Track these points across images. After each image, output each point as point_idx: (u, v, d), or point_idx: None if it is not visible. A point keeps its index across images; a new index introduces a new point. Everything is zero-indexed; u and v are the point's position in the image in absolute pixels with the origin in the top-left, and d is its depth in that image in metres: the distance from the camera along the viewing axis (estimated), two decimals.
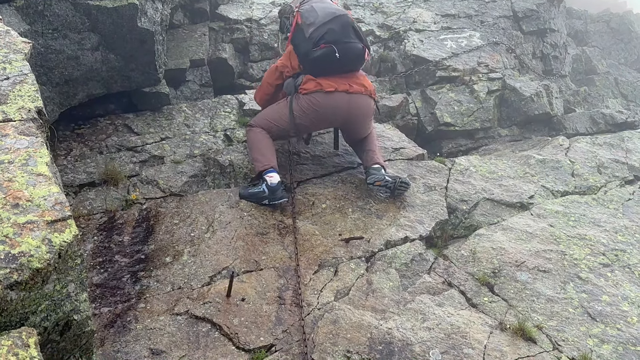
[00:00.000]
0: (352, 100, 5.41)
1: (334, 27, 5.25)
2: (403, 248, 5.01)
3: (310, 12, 5.38)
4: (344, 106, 5.40)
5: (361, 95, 5.46)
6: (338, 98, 5.36)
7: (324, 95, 5.34)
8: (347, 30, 5.32)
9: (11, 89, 3.29)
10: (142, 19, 5.47)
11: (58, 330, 2.66)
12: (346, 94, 5.38)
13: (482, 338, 4.20)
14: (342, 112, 5.43)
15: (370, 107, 5.59)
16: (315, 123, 5.57)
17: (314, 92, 5.35)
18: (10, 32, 3.85)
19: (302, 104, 5.39)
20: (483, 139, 7.67)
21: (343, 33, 5.28)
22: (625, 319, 4.52)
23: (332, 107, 5.38)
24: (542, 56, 9.83)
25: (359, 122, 5.59)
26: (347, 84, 5.39)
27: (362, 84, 5.49)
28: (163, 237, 4.84)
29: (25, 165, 2.82)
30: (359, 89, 5.44)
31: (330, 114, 5.43)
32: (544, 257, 5.07)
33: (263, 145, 5.41)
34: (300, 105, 5.40)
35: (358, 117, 5.53)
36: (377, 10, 9.49)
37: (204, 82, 7.24)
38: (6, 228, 2.48)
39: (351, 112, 5.46)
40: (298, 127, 5.52)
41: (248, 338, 3.98)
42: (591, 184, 6.35)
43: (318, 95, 5.35)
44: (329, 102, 5.36)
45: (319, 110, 5.38)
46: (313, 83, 5.36)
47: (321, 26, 5.25)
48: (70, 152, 5.53)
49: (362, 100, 5.48)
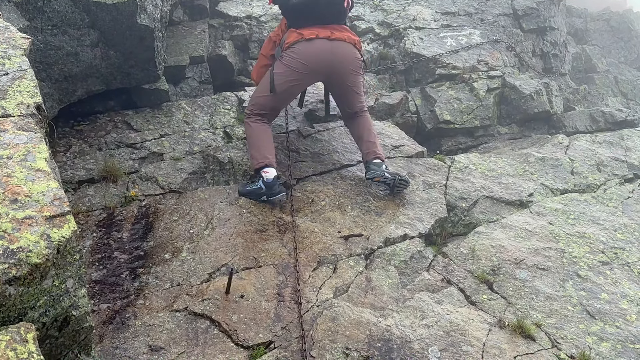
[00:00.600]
0: (335, 46, 5.39)
1: None
2: (402, 245, 5.01)
3: None
4: (327, 53, 5.37)
5: (344, 42, 5.45)
6: (319, 44, 5.36)
7: (305, 43, 5.35)
8: None
9: (10, 84, 3.29)
10: (141, 16, 5.46)
11: (56, 325, 2.67)
12: (328, 40, 5.37)
13: (481, 335, 4.20)
14: (325, 59, 5.38)
15: (355, 57, 5.53)
16: (302, 76, 5.48)
17: (295, 43, 5.36)
18: (10, 27, 3.85)
19: (285, 60, 5.39)
20: (483, 136, 7.66)
21: None
22: (624, 317, 4.52)
23: (314, 55, 5.35)
24: (542, 54, 9.82)
25: (345, 73, 5.51)
26: (329, 31, 5.39)
27: (345, 33, 5.50)
28: (162, 234, 4.84)
29: (24, 161, 2.82)
30: (342, 36, 5.44)
31: (313, 61, 5.37)
32: (543, 255, 5.07)
33: (261, 141, 5.36)
34: (284, 62, 5.40)
35: (343, 66, 5.46)
36: (377, 8, 9.48)
37: (204, 79, 7.23)
38: (5, 223, 2.48)
39: (335, 60, 5.40)
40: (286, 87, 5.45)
41: (247, 335, 3.98)
42: (591, 182, 6.35)
43: (299, 44, 5.36)
44: (311, 49, 5.35)
45: (300, 59, 5.35)
46: (294, 34, 5.40)
47: None
48: (69, 148, 5.53)
49: (346, 47, 5.46)
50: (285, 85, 5.41)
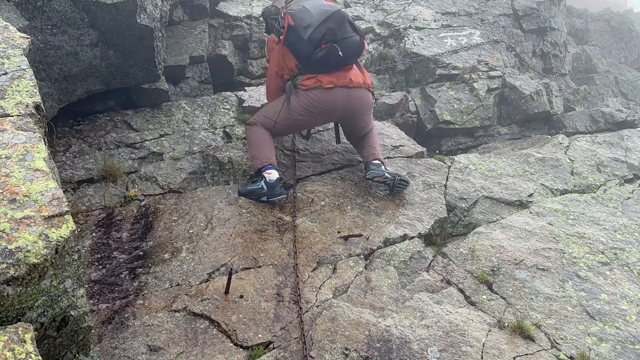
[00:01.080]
0: (352, 94, 5.39)
1: (331, 25, 5.20)
2: (402, 246, 5.00)
3: (303, 13, 5.29)
4: (344, 100, 5.38)
5: (360, 89, 5.44)
6: (337, 93, 5.34)
7: (323, 91, 5.32)
8: (344, 25, 5.29)
9: (9, 84, 3.28)
10: (141, 15, 5.45)
11: (55, 326, 2.66)
12: (346, 88, 5.36)
13: (480, 336, 4.19)
14: (341, 107, 5.42)
15: (369, 101, 5.58)
16: (314, 118, 5.55)
17: (313, 88, 5.33)
18: (9, 27, 3.85)
19: (301, 100, 5.36)
20: (483, 137, 7.66)
21: (341, 29, 5.25)
22: (624, 318, 4.52)
23: (331, 102, 5.36)
24: (542, 54, 9.83)
25: (358, 116, 5.58)
26: (347, 77, 5.37)
27: (360, 77, 5.48)
28: (162, 234, 4.84)
29: (23, 161, 2.81)
30: (358, 82, 5.43)
31: (330, 108, 5.42)
32: (542, 255, 5.07)
33: (262, 143, 5.39)
34: (300, 101, 5.37)
35: (357, 111, 5.52)
36: (377, 8, 9.48)
37: (204, 78, 7.23)
38: (3, 223, 2.47)
39: (350, 106, 5.45)
40: (296, 122, 5.51)
41: (246, 335, 3.98)
42: (590, 182, 6.34)
43: (317, 91, 5.33)
44: (329, 97, 5.34)
45: (318, 105, 5.36)
46: (312, 80, 5.33)
47: (319, 26, 5.18)
48: (69, 148, 5.53)
49: (361, 93, 5.47)
50: (294, 120, 5.47)
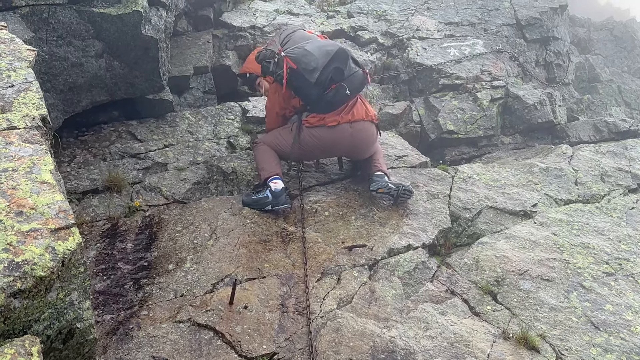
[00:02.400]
0: (355, 129, 5.42)
1: (337, 65, 5.22)
2: (406, 256, 5.00)
3: (306, 57, 5.20)
4: (347, 137, 5.43)
5: (363, 122, 5.47)
6: (341, 130, 5.40)
7: (326, 130, 5.38)
8: (348, 62, 5.33)
9: (16, 96, 3.30)
10: (146, 27, 5.48)
11: (61, 338, 2.66)
12: (348, 125, 5.40)
13: (485, 347, 4.18)
14: (345, 143, 5.48)
15: (372, 133, 5.60)
16: (317, 154, 5.64)
17: (316, 126, 5.39)
18: (15, 39, 3.87)
19: (304, 136, 5.42)
20: (486, 146, 7.66)
21: (347, 67, 5.30)
22: (629, 328, 4.51)
23: (334, 140, 5.44)
24: (546, 64, 9.83)
25: (362, 148, 5.62)
26: (349, 113, 5.39)
27: (363, 110, 5.49)
28: (166, 244, 4.85)
29: (30, 173, 2.82)
30: (361, 116, 5.45)
31: (333, 145, 5.51)
32: (547, 265, 5.06)
33: (269, 156, 5.45)
34: (303, 137, 5.42)
35: (361, 145, 5.57)
36: (381, 18, 9.51)
37: (208, 89, 7.25)
38: (10, 236, 2.48)
39: (354, 142, 5.49)
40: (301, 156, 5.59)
41: (250, 346, 3.97)
42: (594, 192, 6.34)
43: (321, 129, 5.38)
44: (332, 135, 5.40)
45: (321, 143, 5.44)
46: (316, 118, 5.39)
47: (325, 67, 5.16)
48: (73, 158, 5.54)
49: (364, 127, 5.49)
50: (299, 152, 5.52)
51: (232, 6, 8.82)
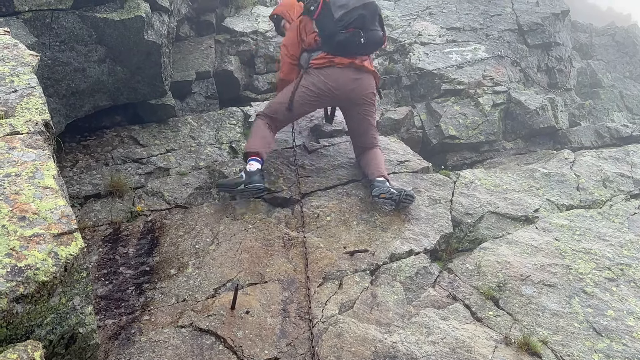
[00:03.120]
0: (359, 76, 5.61)
1: (364, 13, 5.47)
2: (408, 261, 5.00)
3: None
4: (351, 80, 5.58)
5: (368, 73, 5.67)
6: (348, 74, 5.58)
7: (334, 70, 5.56)
8: (375, 17, 5.59)
9: (19, 101, 3.31)
10: (148, 32, 5.50)
11: (63, 343, 2.67)
12: (355, 70, 5.58)
13: (487, 352, 4.18)
14: (348, 85, 5.59)
15: (373, 88, 5.76)
16: (321, 97, 5.69)
17: (324, 67, 5.56)
18: (18, 45, 3.89)
19: (312, 77, 5.60)
20: (488, 152, 7.66)
21: (371, 20, 5.54)
22: (631, 334, 4.50)
23: (340, 80, 5.57)
24: (547, 69, 9.85)
25: (362, 101, 5.71)
26: (358, 61, 5.59)
27: (370, 66, 5.71)
28: (168, 249, 4.85)
29: (32, 178, 2.83)
30: (369, 69, 5.66)
31: (338, 86, 5.59)
32: (549, 271, 5.06)
33: (259, 135, 5.55)
34: (311, 79, 5.60)
35: (361, 95, 5.67)
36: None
37: (210, 94, 7.26)
38: (13, 241, 2.49)
39: (356, 89, 5.62)
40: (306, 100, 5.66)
41: (252, 351, 3.97)
42: (596, 197, 6.34)
43: (329, 69, 5.57)
44: (338, 75, 5.56)
45: (328, 82, 5.57)
46: (326, 59, 5.57)
47: (353, 10, 5.44)
48: (76, 163, 5.55)
49: (368, 79, 5.69)
50: (305, 99, 5.63)
51: (235, 11, 8.84)
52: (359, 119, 5.80)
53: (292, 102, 5.61)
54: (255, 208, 5.40)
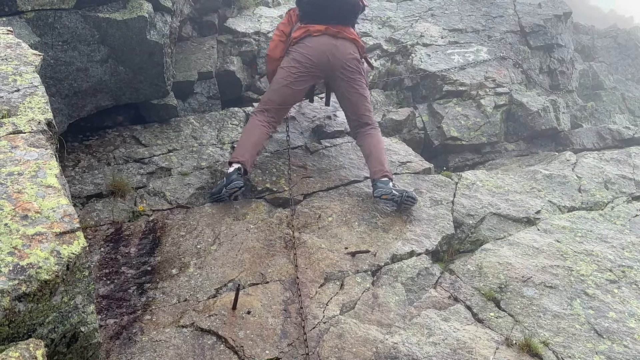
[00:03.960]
0: (338, 43, 5.69)
1: None
2: (409, 262, 5.00)
3: None
4: (330, 47, 5.65)
5: (347, 40, 5.73)
6: (324, 40, 5.67)
7: (311, 38, 5.67)
8: None
9: (21, 100, 3.32)
10: (151, 32, 5.51)
11: (65, 342, 2.67)
12: (332, 37, 5.67)
13: (488, 354, 4.18)
14: (327, 53, 5.65)
15: (356, 57, 5.80)
16: (304, 70, 5.70)
17: (302, 38, 5.68)
18: (21, 44, 3.89)
19: (291, 54, 5.71)
20: (490, 153, 7.66)
21: None
22: (632, 336, 4.50)
23: (318, 49, 5.65)
24: (549, 71, 9.84)
25: (344, 68, 5.73)
26: (336, 29, 5.67)
27: (352, 34, 5.79)
28: (169, 249, 4.85)
29: (35, 177, 2.84)
30: (347, 35, 5.73)
31: (317, 55, 5.65)
32: (550, 272, 5.06)
33: (246, 138, 5.59)
34: (291, 56, 5.71)
35: (342, 61, 5.70)
36: (385, 25, 9.53)
37: (212, 94, 7.26)
38: (15, 239, 2.49)
39: (337, 55, 5.67)
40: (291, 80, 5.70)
41: (253, 351, 3.98)
42: (598, 199, 6.34)
43: (306, 40, 5.68)
44: (316, 44, 5.66)
45: (306, 53, 5.65)
46: (302, 30, 5.72)
47: None
48: (78, 163, 5.56)
49: (348, 45, 5.74)
50: (289, 77, 5.69)
51: (237, 12, 8.84)
52: (348, 90, 5.81)
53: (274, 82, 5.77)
54: (257, 208, 5.40)
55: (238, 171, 5.33)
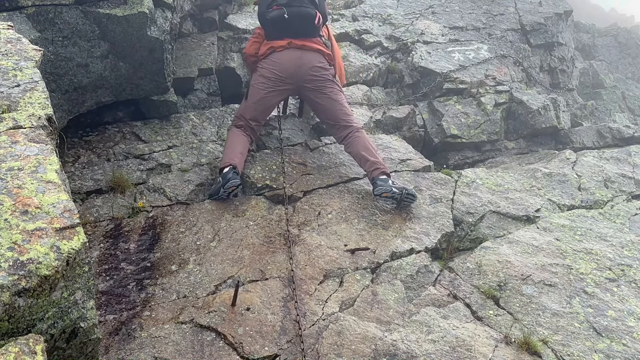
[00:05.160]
0: (304, 54, 5.78)
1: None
2: (408, 260, 5.01)
3: None
4: (295, 60, 5.75)
5: (312, 52, 5.81)
6: (289, 53, 5.78)
7: (276, 54, 5.78)
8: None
9: (22, 96, 3.31)
10: (151, 28, 5.50)
11: (65, 337, 2.67)
12: (297, 49, 5.76)
13: (487, 351, 4.18)
14: (293, 66, 5.75)
15: (323, 66, 5.86)
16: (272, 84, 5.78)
17: (268, 54, 5.79)
18: (22, 39, 3.88)
19: (259, 71, 5.82)
20: (490, 151, 7.66)
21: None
22: (631, 335, 4.50)
23: (284, 62, 5.75)
24: (550, 69, 9.84)
25: (312, 78, 5.79)
26: (301, 42, 5.77)
27: (315, 45, 5.85)
28: (169, 246, 4.85)
29: (35, 172, 2.83)
30: (313, 46, 5.81)
31: (283, 69, 5.74)
32: (549, 271, 5.06)
33: (230, 146, 5.63)
34: (258, 73, 5.82)
35: (309, 71, 5.77)
36: (385, 22, 9.52)
37: (212, 91, 7.25)
38: (15, 235, 2.49)
39: (303, 67, 5.75)
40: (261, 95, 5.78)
41: (252, 348, 3.98)
42: (598, 198, 6.34)
43: (271, 55, 5.78)
44: (281, 58, 5.76)
45: (272, 68, 5.75)
46: (267, 46, 5.83)
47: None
48: (78, 159, 5.55)
49: (314, 55, 5.83)
50: (259, 94, 5.78)
51: (238, 8, 8.82)
52: (319, 96, 5.85)
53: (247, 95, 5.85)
54: (257, 205, 5.40)
55: (233, 170, 5.34)
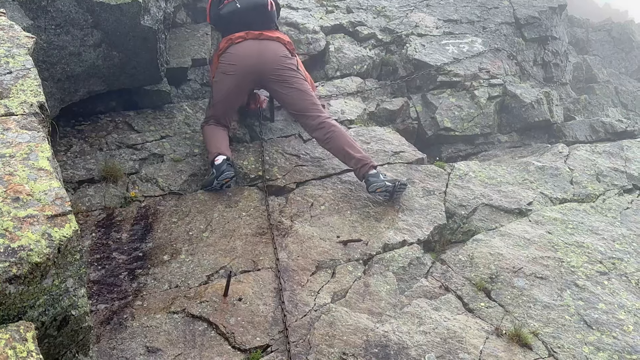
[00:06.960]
0: (263, 45, 5.75)
1: None
2: (401, 251, 5.01)
3: None
4: (255, 51, 5.71)
5: (272, 41, 5.80)
6: (248, 44, 5.74)
7: (234, 46, 5.74)
8: None
9: (14, 83, 3.29)
10: (145, 17, 5.47)
11: (56, 325, 2.67)
12: (256, 40, 5.74)
13: (478, 343, 4.20)
14: (253, 57, 5.70)
15: (285, 55, 5.84)
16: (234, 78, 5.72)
17: (227, 48, 5.74)
18: (14, 26, 3.86)
19: (220, 68, 5.77)
20: (483, 144, 7.67)
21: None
22: (622, 328, 4.53)
23: (243, 54, 5.69)
24: (543, 63, 9.84)
25: (275, 67, 5.75)
26: (258, 32, 5.75)
27: (275, 34, 5.87)
28: (161, 235, 4.85)
29: (27, 160, 2.82)
30: (271, 36, 5.81)
31: (242, 60, 5.68)
32: (541, 263, 5.08)
33: (211, 137, 5.65)
34: (219, 70, 5.77)
35: (270, 61, 5.74)
36: (380, 14, 9.50)
37: (205, 81, 7.23)
38: (6, 222, 2.48)
39: (263, 56, 5.72)
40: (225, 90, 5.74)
41: (244, 338, 3.98)
42: (590, 192, 6.36)
43: (230, 49, 5.74)
44: (240, 50, 5.71)
45: (231, 62, 5.70)
46: (224, 41, 5.85)
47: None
48: (70, 148, 5.53)
49: (274, 45, 5.81)
50: (223, 91, 5.74)
51: None
52: (285, 88, 5.79)
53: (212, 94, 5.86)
54: (249, 196, 5.40)
55: (227, 161, 5.33)
